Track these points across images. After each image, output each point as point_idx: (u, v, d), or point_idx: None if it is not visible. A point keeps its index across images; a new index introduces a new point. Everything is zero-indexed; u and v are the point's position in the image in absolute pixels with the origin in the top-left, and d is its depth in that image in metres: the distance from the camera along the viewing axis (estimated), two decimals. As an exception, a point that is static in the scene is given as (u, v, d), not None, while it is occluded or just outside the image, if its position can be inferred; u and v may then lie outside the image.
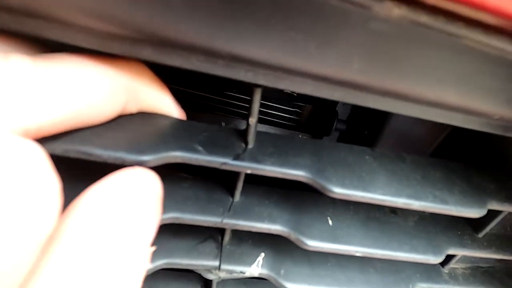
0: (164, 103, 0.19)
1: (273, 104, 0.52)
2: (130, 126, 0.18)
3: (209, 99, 0.46)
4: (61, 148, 0.15)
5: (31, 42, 0.15)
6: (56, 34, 0.13)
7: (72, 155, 0.15)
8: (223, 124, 0.33)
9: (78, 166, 0.20)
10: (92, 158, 0.15)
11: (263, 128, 0.49)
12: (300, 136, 0.49)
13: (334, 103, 0.46)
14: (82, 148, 0.15)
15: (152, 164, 0.16)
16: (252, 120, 0.18)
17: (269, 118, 0.53)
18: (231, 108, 0.48)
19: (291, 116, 0.54)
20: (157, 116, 0.19)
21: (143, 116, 0.19)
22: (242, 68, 0.14)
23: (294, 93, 0.46)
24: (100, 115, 0.16)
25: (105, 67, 0.15)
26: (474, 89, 0.15)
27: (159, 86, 0.19)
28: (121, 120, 0.18)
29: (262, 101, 0.55)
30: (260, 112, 0.54)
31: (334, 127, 0.43)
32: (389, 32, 0.12)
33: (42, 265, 0.11)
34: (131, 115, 0.18)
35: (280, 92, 0.47)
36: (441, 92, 0.15)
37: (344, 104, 0.45)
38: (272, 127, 0.51)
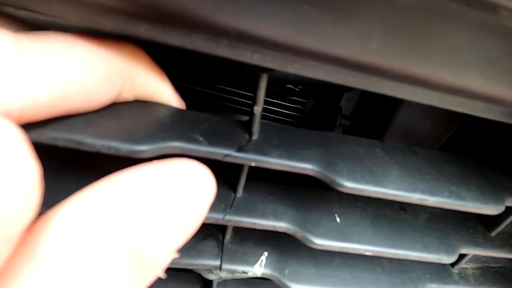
0: (162, 90, 0.18)
1: (274, 100, 0.51)
2: (126, 114, 0.16)
3: (210, 96, 0.45)
4: (49, 135, 0.13)
5: (14, 20, 0.14)
6: (41, 6, 0.12)
7: (61, 143, 0.14)
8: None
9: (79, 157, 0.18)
10: (83, 148, 0.14)
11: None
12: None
13: (338, 98, 0.45)
14: (72, 136, 0.14)
15: (149, 155, 0.15)
16: (257, 109, 0.17)
17: (270, 115, 0.52)
18: (233, 105, 0.47)
19: (292, 113, 0.53)
20: (155, 105, 0.18)
21: (140, 104, 0.17)
22: (248, 49, 0.13)
23: (296, 88, 0.45)
24: (92, 101, 0.15)
25: (98, 48, 0.14)
26: (500, 74, 0.14)
27: (157, 72, 0.17)
28: (116, 108, 0.16)
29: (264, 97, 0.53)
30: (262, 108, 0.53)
31: (338, 122, 0.42)
32: (411, 6, 0.11)
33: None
34: (127, 103, 0.17)
35: (281, 87, 0.46)
36: (464, 76, 0.14)
37: (348, 99, 0.44)
38: (273, 123, 0.50)
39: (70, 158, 0.19)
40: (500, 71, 0.14)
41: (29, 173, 0.10)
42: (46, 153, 0.17)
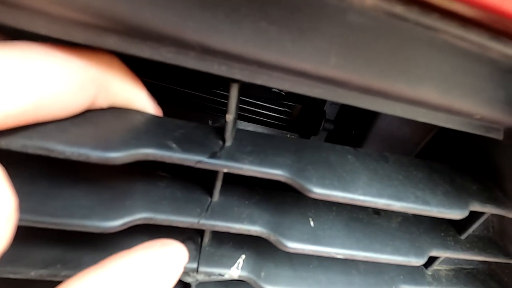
0: (137, 97, 0.18)
1: (263, 104, 0.52)
2: (99, 121, 0.17)
3: (197, 97, 0.46)
4: (18, 143, 0.14)
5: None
6: (12, 18, 0.12)
7: (31, 151, 0.14)
8: (210, 122, 0.33)
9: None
10: (53, 155, 0.14)
11: (252, 127, 0.48)
12: (288, 135, 0.48)
13: (322, 102, 0.46)
14: (42, 143, 0.14)
15: (121, 162, 0.16)
16: (229, 116, 0.18)
17: (259, 118, 0.53)
18: (219, 107, 0.47)
19: (280, 116, 0.53)
20: (130, 112, 0.18)
21: (114, 112, 0.18)
22: (215, 61, 0.14)
23: (282, 92, 0.46)
24: (65, 109, 0.15)
25: (71, 56, 0.14)
26: (454, 88, 0.15)
27: (132, 79, 0.18)
28: (90, 115, 0.17)
29: (251, 100, 0.54)
30: (250, 112, 0.54)
31: (321, 127, 0.43)
32: (366, 25, 0.12)
33: None
34: (101, 111, 0.17)
35: (268, 91, 0.46)
36: (421, 89, 0.15)
37: (332, 103, 0.44)
38: (261, 126, 0.50)
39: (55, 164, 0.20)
40: (452, 85, 0.14)
41: (6, 203, 0.10)
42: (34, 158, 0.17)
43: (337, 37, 0.12)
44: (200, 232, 0.24)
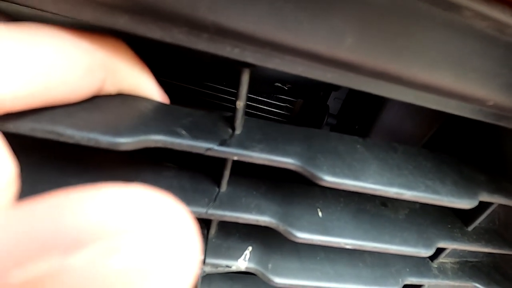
0: (145, 84, 0.18)
1: (264, 99, 0.51)
2: (107, 107, 0.16)
3: (200, 93, 0.45)
4: (27, 126, 0.13)
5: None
6: (20, -4, 0.12)
7: (40, 134, 0.14)
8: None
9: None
10: (62, 139, 0.14)
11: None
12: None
13: (325, 97, 0.45)
14: (51, 127, 0.14)
15: (130, 148, 0.15)
16: (240, 103, 0.17)
17: (260, 113, 0.52)
18: (222, 103, 0.47)
19: (282, 112, 0.53)
20: (138, 99, 0.18)
21: (122, 98, 0.18)
22: (228, 43, 0.13)
23: (285, 86, 0.46)
24: (73, 93, 0.15)
25: (80, 40, 0.14)
26: (469, 72, 0.14)
27: (140, 66, 0.17)
28: (98, 101, 0.16)
29: (253, 96, 0.54)
30: (251, 107, 0.53)
31: (325, 121, 0.43)
32: (383, 4, 0.12)
33: None
34: (109, 96, 0.17)
35: (271, 85, 0.46)
36: (436, 73, 0.14)
37: (335, 98, 0.44)
38: (257, 119, 0.50)
39: (60, 151, 0.19)
40: (468, 69, 0.14)
41: (5, 169, 0.10)
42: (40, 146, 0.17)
43: (354, 16, 0.12)
44: (206, 224, 0.24)
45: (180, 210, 0.09)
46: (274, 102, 0.52)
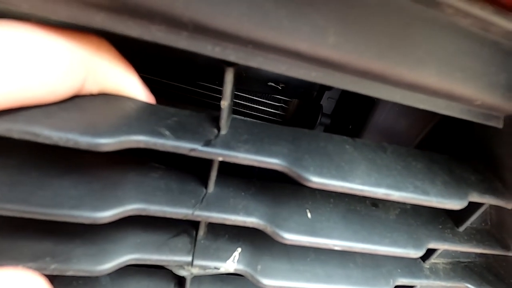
0: (128, 83, 0.18)
1: (259, 99, 0.51)
2: (88, 107, 0.16)
3: (191, 92, 0.45)
4: (3, 126, 0.13)
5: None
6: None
7: (16, 135, 0.13)
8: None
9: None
10: (39, 140, 0.14)
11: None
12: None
13: (319, 97, 0.45)
14: (28, 127, 0.13)
15: (111, 148, 0.15)
16: (224, 103, 0.17)
17: (255, 113, 0.52)
18: (215, 102, 0.47)
19: (276, 111, 0.53)
20: (121, 98, 0.18)
21: (105, 98, 0.17)
22: (208, 42, 0.13)
23: (279, 86, 0.45)
24: (52, 92, 0.14)
25: (59, 36, 0.14)
26: (455, 71, 0.14)
27: (123, 64, 0.17)
28: (78, 101, 0.16)
29: (248, 96, 0.54)
30: (246, 107, 0.53)
31: (318, 121, 0.42)
32: (366, 2, 0.11)
33: None
34: (91, 97, 0.17)
35: (264, 85, 0.46)
36: (422, 72, 0.14)
37: (329, 98, 0.44)
38: (244, 118, 0.50)
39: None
40: (454, 68, 0.14)
41: None
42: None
43: (336, 14, 0.12)
44: (195, 225, 0.24)
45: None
46: (269, 102, 0.52)
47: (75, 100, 0.16)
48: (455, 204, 0.20)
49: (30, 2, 0.11)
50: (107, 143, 0.15)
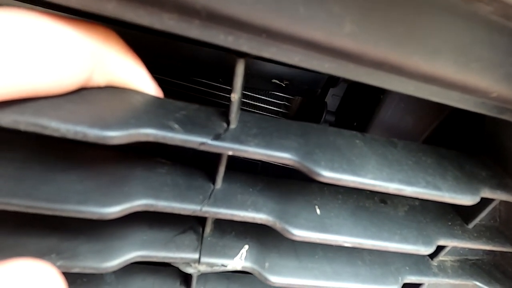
0: (137, 76, 0.17)
1: (262, 97, 0.51)
2: (96, 99, 0.16)
3: (196, 90, 0.45)
4: (9, 118, 0.13)
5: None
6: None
7: (23, 127, 0.13)
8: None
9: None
10: (47, 132, 0.13)
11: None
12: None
13: (323, 94, 0.45)
14: (35, 119, 0.13)
15: (119, 142, 0.15)
16: (235, 96, 0.17)
17: (259, 111, 0.52)
18: (219, 100, 0.46)
19: (279, 109, 0.53)
20: (129, 91, 0.17)
21: (113, 91, 0.17)
22: (221, 30, 0.13)
23: (282, 83, 0.45)
24: (60, 84, 0.14)
25: (67, 27, 0.13)
26: (472, 61, 0.14)
27: (132, 57, 0.17)
28: (86, 93, 0.16)
29: (250, 93, 0.54)
30: (249, 105, 0.53)
31: (323, 118, 0.42)
32: (385, -12, 0.11)
33: None
34: (99, 89, 0.16)
35: (268, 82, 0.45)
36: (437, 63, 0.14)
37: (333, 95, 0.44)
38: (253, 113, 0.49)
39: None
40: (470, 58, 0.14)
41: None
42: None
43: (353, 2, 0.12)
44: (201, 222, 0.24)
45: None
46: (272, 100, 0.51)
47: (83, 92, 0.15)
48: (467, 199, 0.20)
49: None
50: (116, 136, 0.14)
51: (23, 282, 0.10)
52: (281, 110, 0.53)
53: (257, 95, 0.50)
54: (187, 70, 0.39)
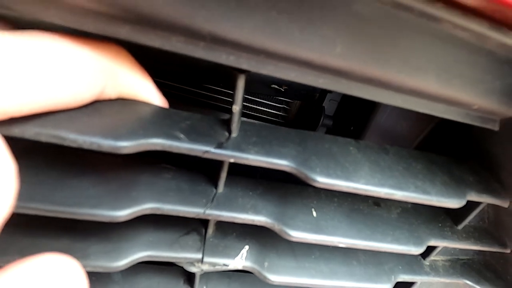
0: (145, 89, 0.18)
1: (261, 100, 0.52)
2: (108, 111, 0.17)
3: (197, 94, 0.46)
4: (32, 131, 0.14)
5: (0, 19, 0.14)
6: (25, 6, 0.12)
7: (44, 139, 0.14)
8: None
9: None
10: (65, 143, 0.14)
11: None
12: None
13: (321, 99, 0.46)
14: (55, 132, 0.14)
15: (130, 151, 0.16)
16: (236, 108, 0.18)
17: (257, 114, 0.53)
18: (221, 104, 0.48)
19: (279, 113, 0.54)
20: (137, 103, 0.19)
21: (123, 103, 0.18)
22: (224, 51, 0.14)
23: (282, 88, 0.46)
24: (76, 98, 0.15)
25: (82, 46, 0.15)
26: (453, 78, 0.15)
27: (140, 71, 0.18)
28: (99, 106, 0.17)
29: (250, 97, 0.55)
30: (248, 108, 0.54)
31: (320, 122, 0.43)
32: (372, 15, 0.12)
33: None
34: (110, 101, 0.18)
35: (267, 87, 0.47)
36: (422, 80, 0.15)
37: (331, 100, 0.45)
38: (253, 121, 0.51)
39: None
40: (452, 75, 0.15)
41: (6, 169, 0.10)
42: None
43: (344, 26, 0.13)
44: (204, 224, 0.25)
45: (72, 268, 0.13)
46: (273, 104, 0.53)
47: (95, 105, 0.17)
48: (454, 203, 0.21)
49: (62, 17, 0.12)
50: (127, 145, 0.16)
51: (51, 276, 0.12)
52: (281, 113, 0.54)
53: (257, 99, 0.52)
54: (190, 76, 0.40)
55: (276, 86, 0.46)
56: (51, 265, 0.12)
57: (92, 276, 0.25)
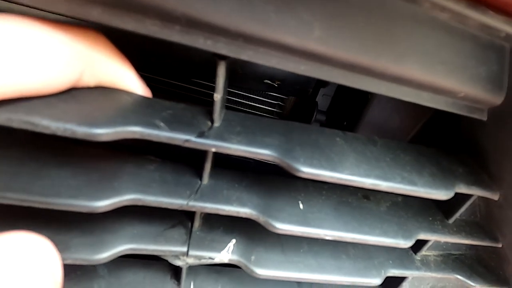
0: (126, 77, 0.18)
1: (256, 97, 0.52)
2: (86, 98, 0.17)
3: (188, 89, 0.46)
4: (3, 116, 0.14)
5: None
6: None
7: (16, 125, 0.14)
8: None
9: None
10: (38, 129, 0.14)
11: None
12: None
13: (314, 94, 0.46)
14: (27, 117, 0.14)
15: (107, 139, 0.16)
16: (217, 96, 0.18)
17: (252, 111, 0.53)
18: (208, 99, 0.47)
19: (273, 109, 0.54)
20: (119, 92, 0.18)
21: (103, 91, 0.18)
22: (200, 35, 0.14)
23: (275, 83, 0.46)
24: (51, 84, 0.15)
25: (57, 31, 0.14)
26: (437, 64, 0.15)
27: (120, 59, 0.18)
28: (76, 93, 0.17)
29: (245, 93, 0.54)
30: (243, 105, 0.54)
31: (314, 118, 0.43)
32: (349, -4, 0.12)
33: None
34: (88, 89, 0.17)
35: (260, 83, 0.46)
36: (404, 65, 0.15)
37: (324, 95, 0.45)
38: (237, 112, 0.50)
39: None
40: (436, 61, 0.15)
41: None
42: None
43: (321, 9, 0.13)
44: (190, 217, 0.25)
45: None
46: (267, 100, 0.52)
47: (73, 92, 0.16)
48: (441, 194, 0.21)
49: (29, -4, 0.12)
50: (103, 133, 0.15)
51: (20, 252, 0.11)
52: (275, 110, 0.54)
53: (252, 95, 0.51)
54: (180, 70, 0.40)
55: (269, 82, 0.45)
56: (23, 242, 0.12)
57: (78, 270, 0.25)
